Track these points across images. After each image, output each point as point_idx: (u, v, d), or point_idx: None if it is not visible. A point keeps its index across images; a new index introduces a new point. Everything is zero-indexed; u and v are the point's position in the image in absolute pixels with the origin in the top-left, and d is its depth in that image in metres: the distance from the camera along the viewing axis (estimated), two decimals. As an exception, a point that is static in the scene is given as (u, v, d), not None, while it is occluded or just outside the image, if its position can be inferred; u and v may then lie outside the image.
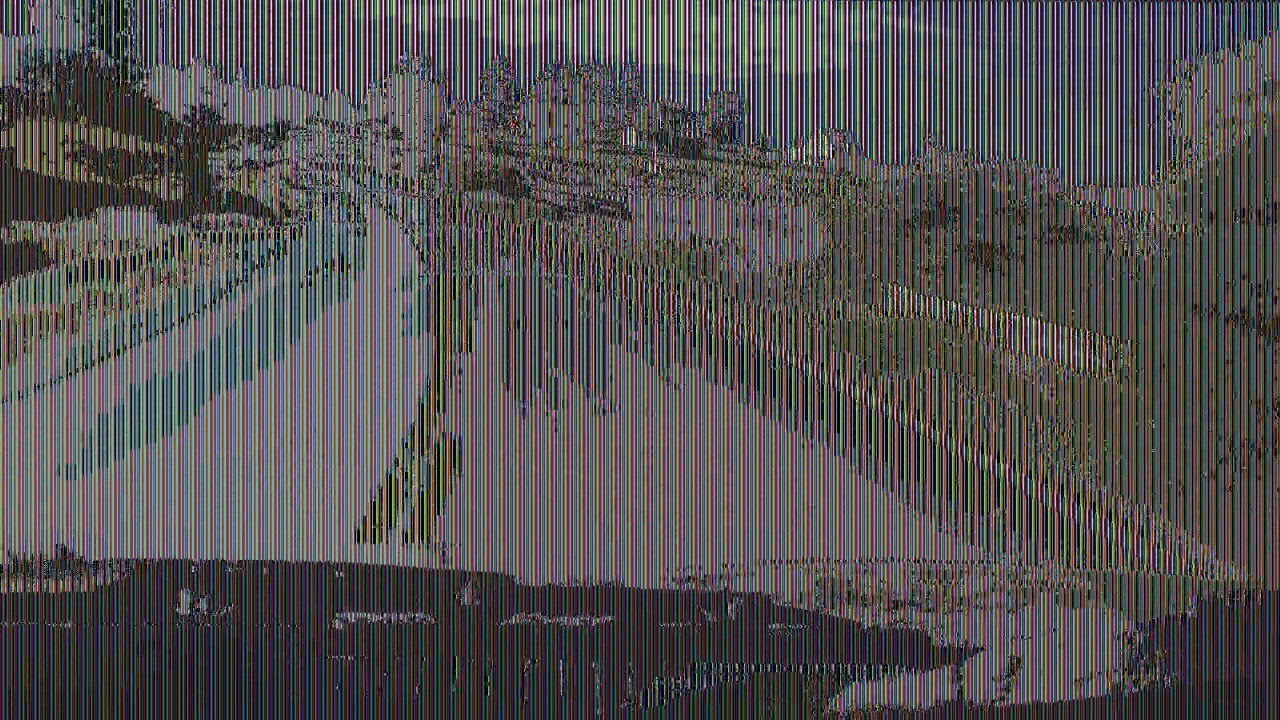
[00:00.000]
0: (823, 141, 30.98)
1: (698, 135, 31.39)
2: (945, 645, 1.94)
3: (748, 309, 16.63)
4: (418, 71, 32.99)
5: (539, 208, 29.64)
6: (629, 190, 29.47)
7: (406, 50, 31.79)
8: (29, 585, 1.92)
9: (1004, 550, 7.63)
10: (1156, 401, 9.79)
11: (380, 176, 32.54)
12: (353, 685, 1.78)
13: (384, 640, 1.87)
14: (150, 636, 1.79)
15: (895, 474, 9.65)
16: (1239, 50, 12.36)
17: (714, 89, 33.05)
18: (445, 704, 1.76)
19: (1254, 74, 12.68)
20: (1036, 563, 7.13)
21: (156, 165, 25.30)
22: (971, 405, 10.67)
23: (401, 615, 1.93)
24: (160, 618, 1.87)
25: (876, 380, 12.35)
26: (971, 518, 8.47)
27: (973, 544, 7.77)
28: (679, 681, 1.80)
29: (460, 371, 13.73)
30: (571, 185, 30.19)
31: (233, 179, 30.24)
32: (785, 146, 33.35)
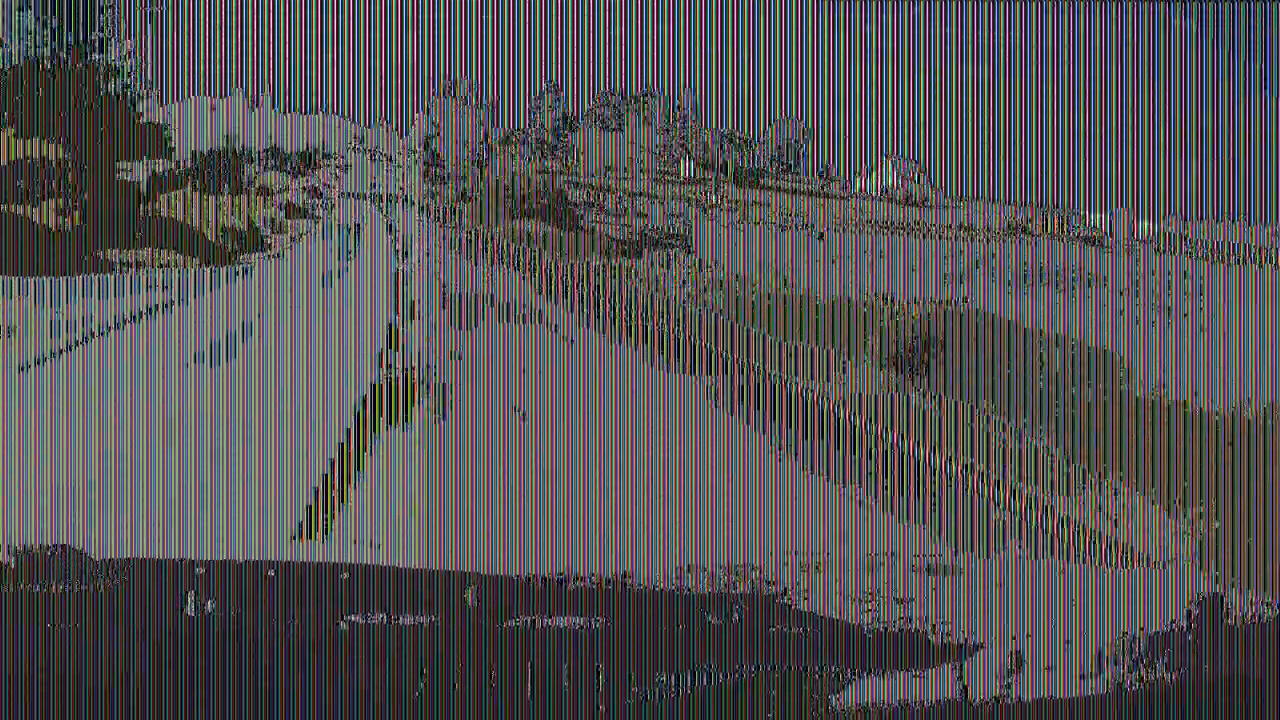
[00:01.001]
0: (890, 170, 28.12)
1: (758, 164, 28.99)
2: (946, 643, 1.94)
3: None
4: (463, 95, 30.67)
5: (591, 240, 25.01)
6: (692, 222, 25.19)
7: (452, 74, 29.55)
8: (31, 584, 1.93)
9: (1004, 548, 7.64)
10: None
11: (414, 204, 30.12)
12: (354, 686, 1.79)
13: (385, 641, 1.88)
14: (153, 638, 1.79)
15: (896, 489, 9.63)
16: None
17: (775, 115, 30.45)
18: (446, 704, 1.76)
19: None
20: (1037, 559, 7.14)
21: (60, 183, 21.48)
22: (972, 430, 10.45)
23: (404, 617, 1.94)
24: (162, 619, 1.88)
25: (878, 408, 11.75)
26: (972, 520, 8.47)
27: (973, 544, 7.77)
28: (680, 680, 1.81)
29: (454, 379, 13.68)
30: (627, 216, 26.74)
31: (164, 202, 25.54)
32: (850, 176, 30.23)
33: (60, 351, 14.05)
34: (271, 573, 2.09)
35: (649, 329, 16.61)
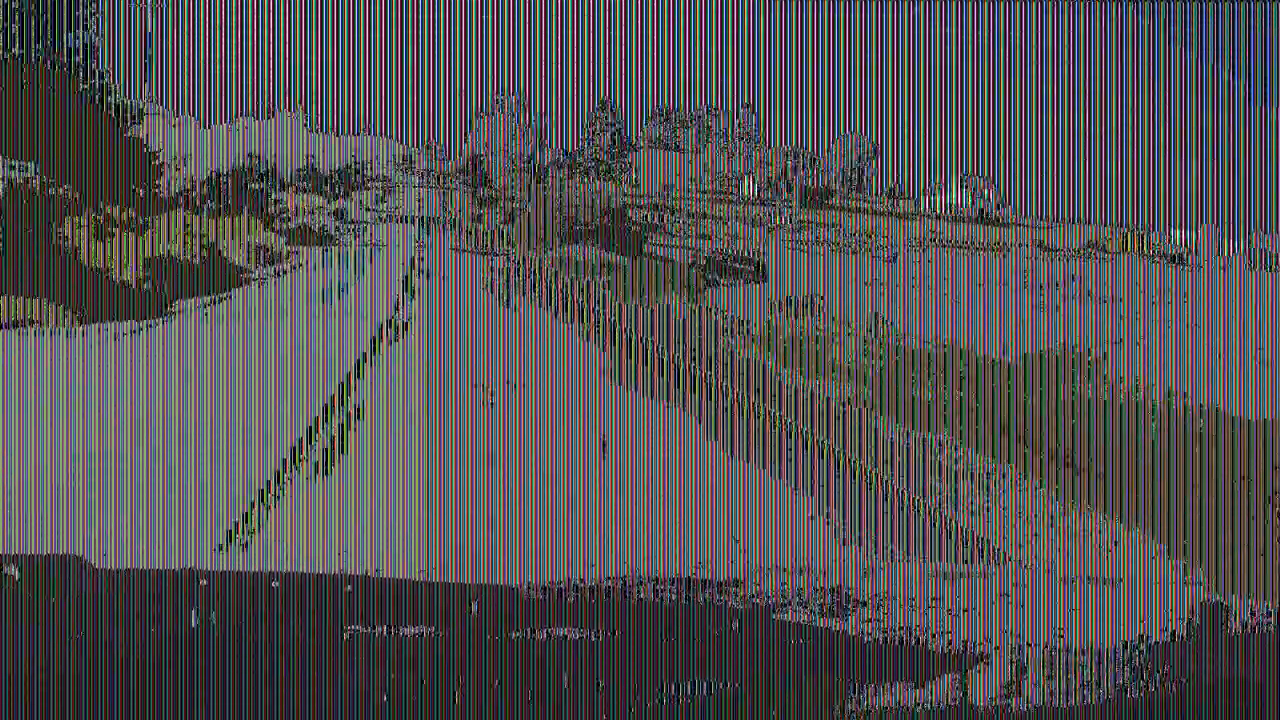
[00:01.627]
0: (960, 188, 26.84)
1: (825, 183, 27.72)
2: (946, 652, 1.94)
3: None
4: (512, 113, 29.12)
5: (660, 270, 22.03)
6: (769, 247, 23.00)
7: (501, 91, 27.98)
8: (37, 593, 1.93)
9: (1005, 558, 7.63)
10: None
11: (455, 228, 28.10)
12: (355, 696, 1.79)
13: (386, 652, 1.89)
14: (158, 647, 1.80)
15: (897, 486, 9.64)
16: None
17: (839, 132, 29.17)
18: (447, 714, 1.77)
19: None
20: (1039, 569, 7.13)
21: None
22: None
23: (406, 628, 1.94)
24: (164, 628, 1.88)
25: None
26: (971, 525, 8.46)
27: (974, 550, 7.77)
28: (681, 690, 1.81)
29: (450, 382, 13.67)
30: (689, 239, 25.08)
31: (68, 227, 20.06)
32: (919, 194, 28.93)
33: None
34: (275, 584, 2.09)
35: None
